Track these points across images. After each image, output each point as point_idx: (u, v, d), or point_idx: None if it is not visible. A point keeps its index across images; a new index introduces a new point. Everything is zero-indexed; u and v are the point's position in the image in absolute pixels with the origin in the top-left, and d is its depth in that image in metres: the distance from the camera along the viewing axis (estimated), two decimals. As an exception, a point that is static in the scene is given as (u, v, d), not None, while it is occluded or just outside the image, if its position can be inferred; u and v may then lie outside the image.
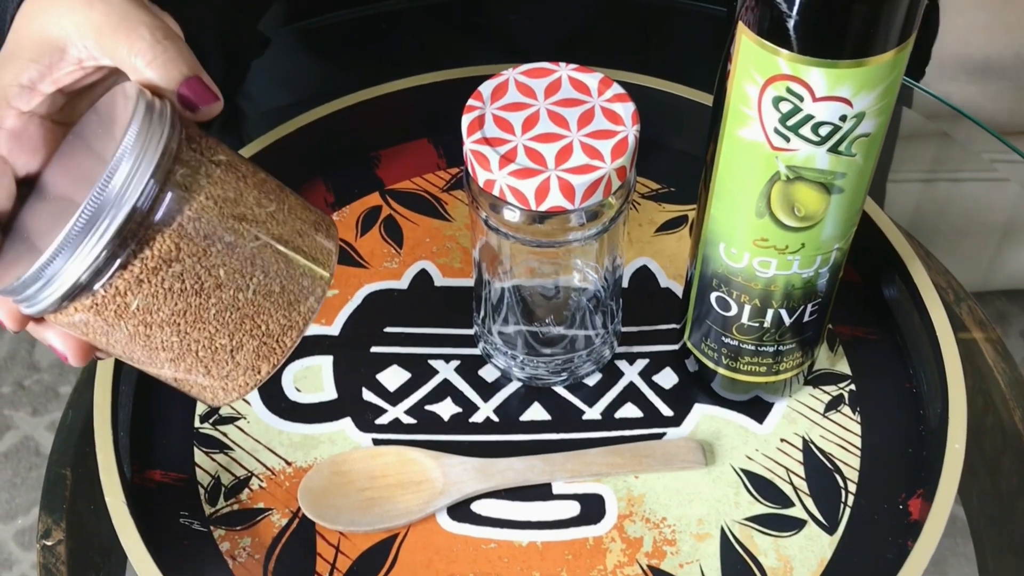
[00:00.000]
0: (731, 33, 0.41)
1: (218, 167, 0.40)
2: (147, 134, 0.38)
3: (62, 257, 0.37)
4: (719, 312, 0.50)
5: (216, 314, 0.40)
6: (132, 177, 0.37)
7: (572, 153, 0.45)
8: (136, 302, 0.39)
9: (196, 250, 0.39)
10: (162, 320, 0.39)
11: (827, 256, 0.46)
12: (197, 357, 0.41)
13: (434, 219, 0.62)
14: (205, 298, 0.39)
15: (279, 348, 0.41)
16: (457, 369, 0.56)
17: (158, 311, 0.39)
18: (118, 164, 0.37)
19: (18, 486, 1.27)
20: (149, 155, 0.37)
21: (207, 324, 0.40)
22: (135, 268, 0.38)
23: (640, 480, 0.52)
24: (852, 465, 0.52)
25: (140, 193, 0.37)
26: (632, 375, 0.56)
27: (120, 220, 0.37)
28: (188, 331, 0.40)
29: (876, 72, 0.39)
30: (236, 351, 0.41)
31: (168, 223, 0.38)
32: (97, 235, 0.37)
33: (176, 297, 0.39)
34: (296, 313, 0.41)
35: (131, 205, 0.37)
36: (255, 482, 0.52)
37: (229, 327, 0.40)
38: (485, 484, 0.51)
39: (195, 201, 0.39)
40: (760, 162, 0.43)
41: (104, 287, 0.38)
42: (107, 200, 0.37)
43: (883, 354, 0.56)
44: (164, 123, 0.38)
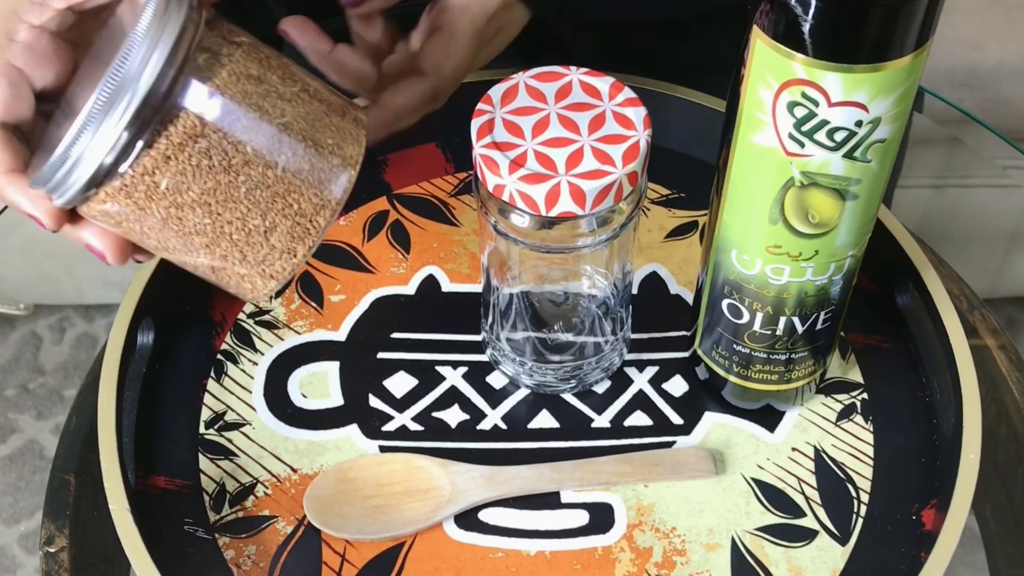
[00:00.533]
0: (745, 37, 0.41)
1: (239, 47, 0.40)
2: (165, 10, 0.38)
3: (84, 137, 0.37)
4: (731, 319, 0.49)
5: (247, 192, 0.39)
6: (150, 53, 0.37)
7: (583, 158, 0.45)
8: (165, 181, 0.38)
9: (221, 126, 0.39)
10: (193, 200, 0.39)
11: (841, 263, 0.46)
12: (232, 240, 0.40)
13: (442, 224, 0.61)
14: (234, 175, 0.39)
15: (313, 228, 0.41)
16: (465, 376, 0.55)
17: (188, 190, 0.39)
18: (134, 41, 0.37)
19: (22, 490, 1.27)
20: (169, 29, 0.37)
21: (238, 203, 0.40)
22: (160, 146, 0.38)
23: (650, 489, 0.51)
24: (864, 475, 0.52)
25: (159, 69, 0.37)
26: (642, 382, 0.55)
27: (140, 97, 0.37)
28: (220, 211, 0.40)
29: (893, 77, 0.39)
30: (270, 232, 0.40)
31: (191, 100, 0.38)
32: (118, 113, 0.37)
33: (205, 174, 0.39)
34: (328, 192, 0.41)
35: (151, 82, 0.37)
36: (260, 489, 0.51)
37: (261, 206, 0.40)
38: (493, 492, 0.51)
39: (217, 77, 0.39)
40: (774, 168, 0.42)
41: (131, 168, 0.38)
42: (127, 77, 0.37)
43: (896, 363, 0.56)
44: (181, 3, 0.38)
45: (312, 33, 0.49)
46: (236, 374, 0.55)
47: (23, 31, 0.41)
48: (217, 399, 0.54)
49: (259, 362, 0.56)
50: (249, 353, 0.56)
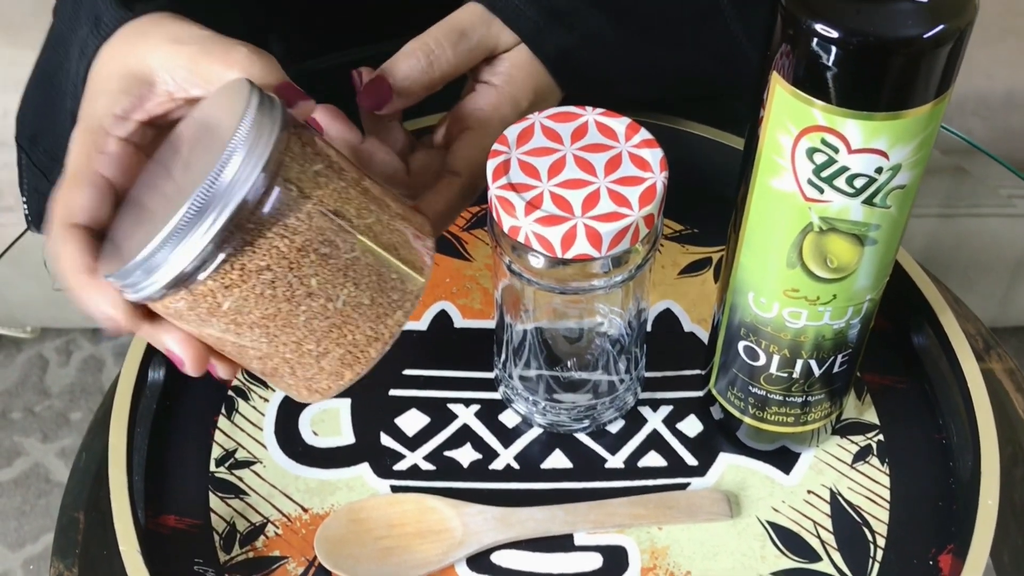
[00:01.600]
0: (764, 79, 0.40)
1: (325, 166, 0.40)
2: (260, 125, 0.38)
3: (171, 244, 0.37)
4: (746, 361, 0.49)
5: (305, 321, 0.40)
6: (245, 167, 0.37)
7: (599, 200, 0.45)
8: (227, 303, 0.39)
9: (291, 257, 0.39)
10: (252, 322, 0.40)
11: (859, 307, 0.45)
12: (284, 359, 0.41)
13: (454, 258, 0.61)
14: (295, 305, 0.40)
15: (363, 358, 0.42)
16: (477, 414, 0.55)
17: (249, 313, 0.40)
18: (232, 153, 0.37)
19: (27, 514, 1.26)
20: (262, 145, 0.38)
21: (295, 329, 0.40)
22: (236, 264, 0.38)
23: (664, 532, 0.51)
24: (881, 518, 0.51)
25: (251, 184, 0.37)
26: (656, 422, 0.54)
27: (231, 210, 0.37)
28: (276, 334, 0.41)
29: (913, 124, 0.39)
30: (322, 357, 0.41)
31: (274, 220, 0.38)
32: (207, 223, 0.37)
33: (267, 301, 0.39)
34: (383, 326, 0.42)
35: (242, 196, 0.37)
36: (271, 529, 0.51)
37: (316, 334, 0.41)
38: (505, 534, 0.50)
39: (302, 202, 0.39)
40: (792, 213, 0.42)
41: (207, 279, 0.38)
42: (219, 189, 0.37)
43: (912, 404, 0.55)
44: (276, 115, 0.39)
45: (342, 124, 0.49)
46: (247, 411, 0.55)
47: (112, 143, 0.43)
48: (228, 436, 0.54)
49: (270, 398, 0.55)
50: (260, 390, 0.56)
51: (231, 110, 0.39)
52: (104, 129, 0.43)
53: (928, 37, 0.36)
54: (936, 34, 0.36)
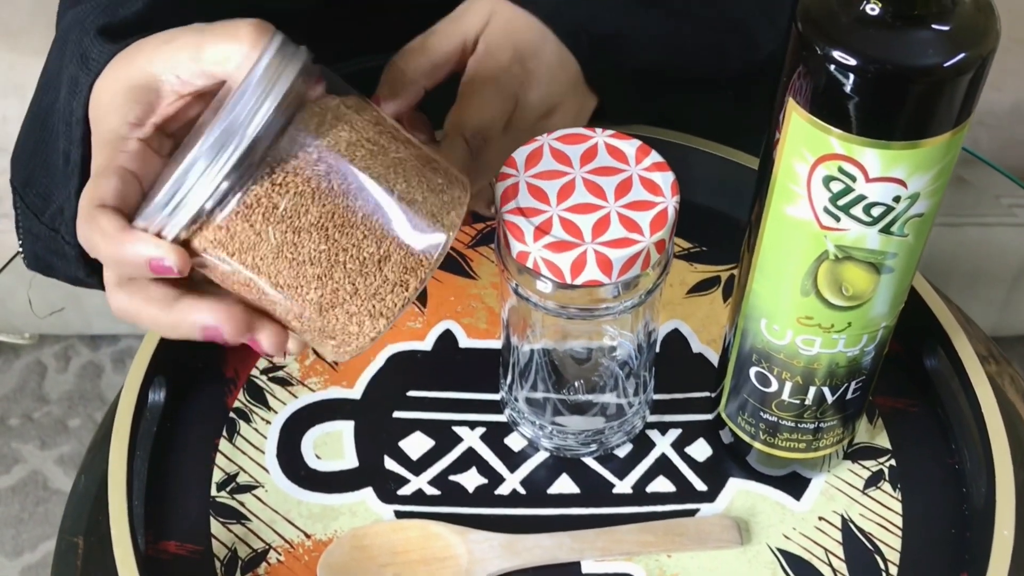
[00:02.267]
0: (778, 101, 0.40)
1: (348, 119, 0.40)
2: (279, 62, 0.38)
3: (203, 159, 0.37)
4: (758, 387, 0.48)
5: (363, 218, 0.40)
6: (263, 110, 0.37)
7: (609, 225, 0.44)
8: (284, 202, 0.39)
9: (341, 151, 0.39)
10: (310, 223, 0.39)
11: (874, 334, 0.45)
12: (345, 270, 0.40)
13: (459, 277, 0.60)
14: (352, 199, 0.39)
15: (425, 261, 0.41)
16: (483, 437, 0.54)
17: (306, 213, 0.39)
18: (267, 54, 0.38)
19: (25, 521, 1.25)
20: (279, 87, 0.38)
21: (355, 228, 0.40)
22: (281, 169, 0.38)
23: (673, 559, 0.50)
24: (893, 546, 0.50)
25: (298, 72, 0.38)
26: (664, 446, 0.54)
27: (275, 100, 0.37)
28: (336, 236, 0.39)
29: (933, 153, 0.38)
30: (384, 261, 0.40)
31: (312, 124, 0.39)
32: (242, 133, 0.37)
33: (324, 196, 0.39)
34: (439, 225, 0.41)
35: (288, 83, 0.38)
36: (273, 556, 0.50)
37: (376, 232, 0.40)
38: (512, 562, 0.49)
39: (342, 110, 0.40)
40: (808, 240, 0.41)
41: (249, 191, 0.38)
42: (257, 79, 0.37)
43: (924, 427, 0.54)
44: (296, 57, 0.39)
45: None
46: (249, 433, 0.54)
47: (132, 143, 0.42)
48: (229, 460, 0.53)
49: (272, 420, 0.55)
50: (262, 411, 0.55)
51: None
52: (122, 136, 0.42)
53: (949, 66, 0.36)
54: (957, 62, 0.36)
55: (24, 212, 0.51)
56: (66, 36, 0.48)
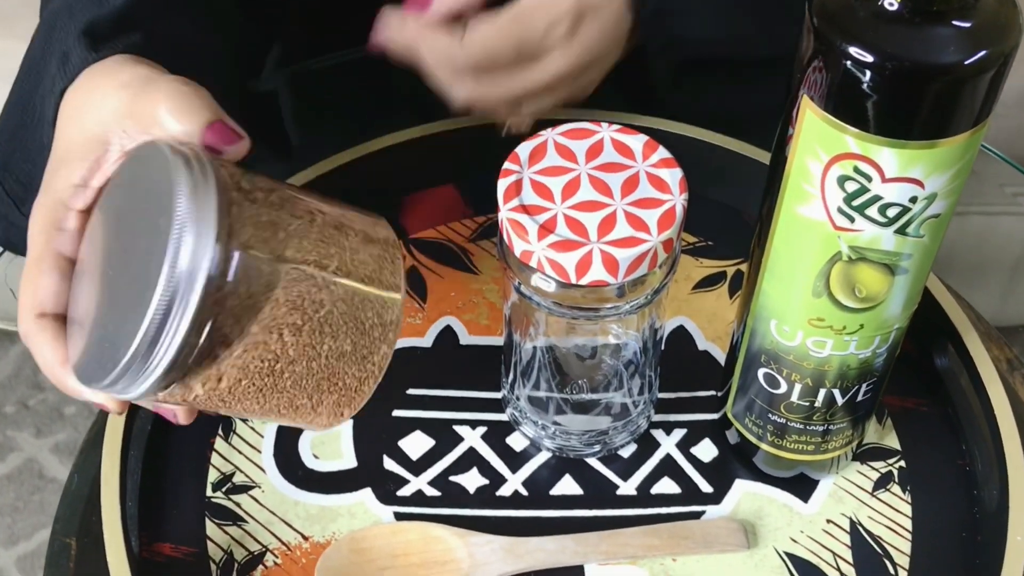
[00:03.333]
0: (792, 98, 0.38)
1: (275, 209, 0.38)
2: (198, 194, 0.35)
3: (146, 349, 0.35)
4: (766, 388, 0.47)
5: (292, 384, 0.39)
6: (198, 247, 0.35)
7: (615, 224, 0.42)
8: (214, 388, 0.38)
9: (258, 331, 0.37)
10: (241, 394, 0.39)
11: (886, 336, 0.43)
12: (280, 415, 0.41)
13: (460, 271, 0.59)
14: (278, 376, 0.39)
15: (358, 396, 0.42)
16: (484, 436, 0.53)
17: (237, 391, 0.39)
18: (180, 237, 0.34)
19: (20, 510, 1.24)
20: (207, 218, 0.35)
21: (283, 392, 0.39)
22: (215, 349, 0.37)
23: (678, 563, 0.49)
24: (902, 550, 0.49)
25: (210, 261, 0.35)
26: (669, 446, 0.53)
27: (197, 295, 0.35)
28: (267, 399, 0.39)
29: (951, 153, 0.36)
30: (317, 406, 0.41)
31: (243, 290, 0.36)
32: (177, 318, 0.35)
33: (253, 377, 0.38)
34: (370, 363, 0.41)
35: (204, 277, 0.35)
36: (270, 558, 0.49)
37: (307, 391, 0.40)
38: (513, 566, 0.48)
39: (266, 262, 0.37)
40: (820, 241, 0.40)
41: (191, 371, 0.37)
42: (180, 280, 0.34)
43: (934, 428, 0.53)
44: (208, 177, 0.36)
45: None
46: (245, 432, 0.53)
47: (71, 219, 0.41)
48: (225, 459, 0.52)
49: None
50: (259, 409, 0.54)
51: (155, 177, 0.37)
52: (63, 203, 0.41)
53: (970, 63, 0.34)
54: (978, 60, 0.34)
55: (2, 199, 0.49)
56: (53, 23, 0.46)
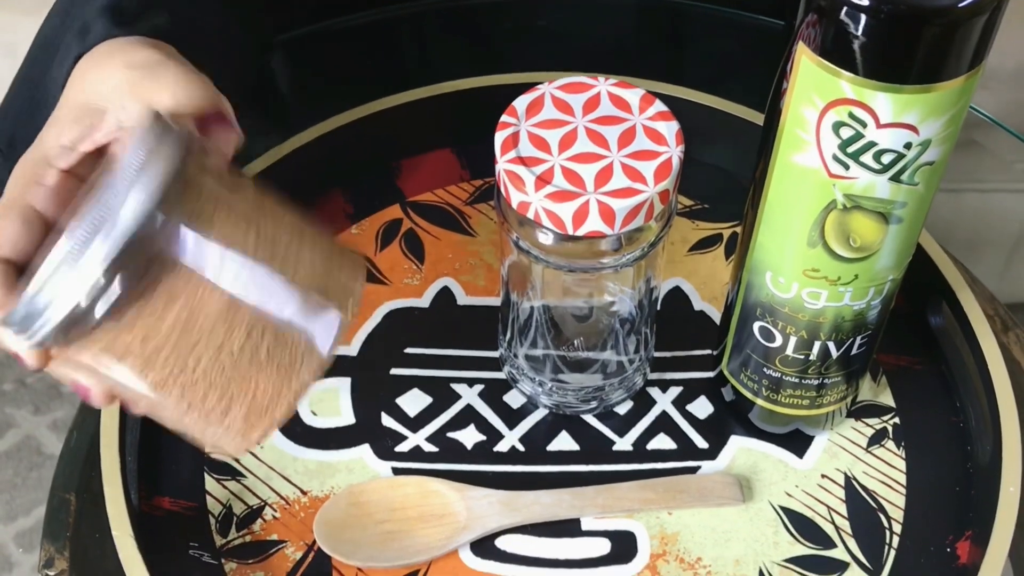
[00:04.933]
0: (788, 49, 0.39)
1: (229, 206, 0.37)
2: (154, 152, 0.35)
3: (53, 283, 0.34)
4: (761, 342, 0.47)
5: (202, 372, 0.37)
6: (135, 198, 0.34)
7: (612, 175, 0.43)
8: (131, 338, 0.36)
9: (191, 293, 0.36)
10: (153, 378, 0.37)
11: (880, 287, 0.44)
12: (186, 411, 0.38)
13: (457, 234, 0.59)
14: (187, 352, 0.37)
15: (268, 419, 0.39)
16: (481, 394, 0.53)
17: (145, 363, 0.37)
18: (116, 183, 0.34)
19: (19, 486, 1.25)
20: (152, 174, 0.35)
21: (193, 374, 0.37)
22: (130, 302, 0.35)
23: (674, 517, 0.49)
24: (897, 504, 0.50)
25: (142, 217, 0.34)
26: (665, 404, 0.53)
27: (118, 244, 0.34)
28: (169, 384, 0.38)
29: (946, 98, 0.37)
30: (225, 413, 0.38)
31: (165, 256, 0.35)
32: (92, 259, 0.34)
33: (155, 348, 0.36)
34: (286, 385, 0.39)
35: (131, 229, 0.34)
36: (268, 512, 0.49)
37: (216, 386, 0.38)
38: (511, 519, 0.49)
39: (196, 237, 0.36)
40: (815, 190, 0.40)
41: (99, 319, 0.35)
42: (103, 219, 0.34)
43: (928, 386, 0.54)
44: (175, 144, 0.36)
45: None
46: (244, 390, 0.53)
47: (51, 176, 0.41)
48: (224, 416, 0.52)
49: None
50: (257, 368, 0.54)
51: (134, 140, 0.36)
52: (47, 160, 0.41)
53: (965, 5, 0.35)
54: (972, 3, 0.35)
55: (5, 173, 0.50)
56: (70, 3, 0.47)
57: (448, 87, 0.61)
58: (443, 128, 0.62)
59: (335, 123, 0.60)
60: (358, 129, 0.60)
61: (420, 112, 0.61)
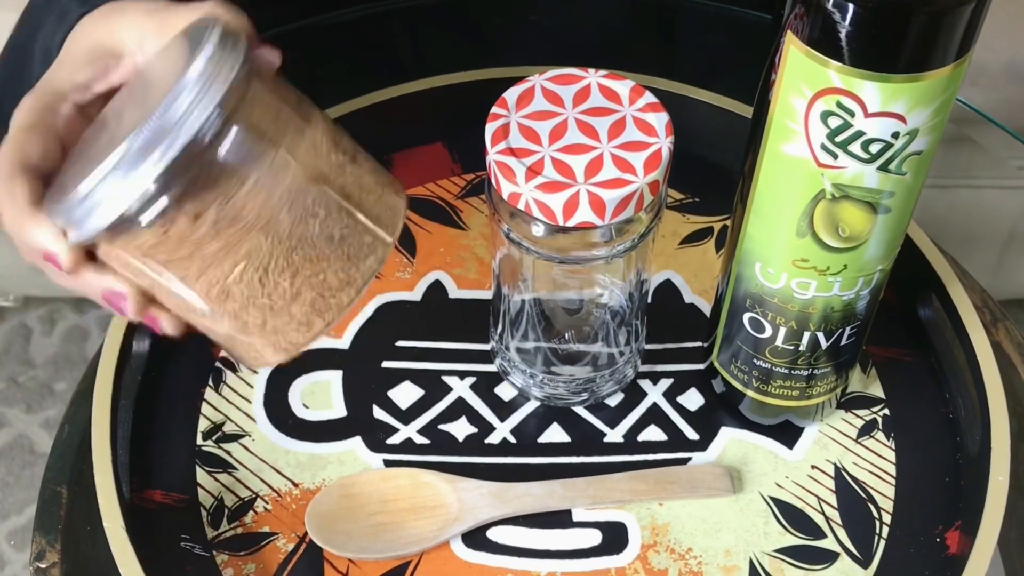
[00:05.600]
0: (776, 41, 0.39)
1: (291, 108, 0.38)
2: (220, 59, 0.35)
3: (116, 175, 0.35)
4: (751, 333, 0.47)
5: (280, 254, 0.38)
6: (199, 101, 0.35)
7: (602, 166, 0.43)
8: (199, 231, 0.36)
9: (260, 188, 0.36)
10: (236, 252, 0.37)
11: (869, 277, 0.44)
12: (257, 306, 0.39)
13: (449, 227, 0.59)
14: (265, 235, 0.37)
15: (335, 304, 0.39)
16: (472, 387, 0.53)
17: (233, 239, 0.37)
18: (185, 85, 0.35)
19: (11, 485, 1.25)
20: (220, 81, 0.35)
21: (267, 260, 0.38)
22: (196, 198, 0.36)
23: (664, 507, 0.49)
24: (887, 495, 0.50)
25: (204, 121, 0.35)
26: (656, 396, 0.53)
27: (181, 145, 0.34)
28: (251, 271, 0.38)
29: (932, 88, 0.37)
30: (295, 299, 0.39)
31: (231, 157, 0.36)
32: (155, 157, 0.34)
33: (235, 230, 0.37)
34: (355, 269, 0.39)
35: (193, 132, 0.35)
36: (260, 504, 0.49)
37: (290, 270, 0.38)
38: (502, 510, 0.49)
39: (262, 140, 0.36)
40: (804, 179, 0.40)
41: (161, 216, 0.36)
42: (169, 121, 0.34)
43: (918, 377, 0.54)
44: (239, 52, 0.36)
45: None
46: (235, 383, 0.53)
47: (67, 107, 0.41)
48: (215, 409, 0.52)
49: (259, 370, 0.54)
50: (249, 361, 0.54)
51: (184, 56, 0.37)
52: (61, 93, 0.41)
53: (952, -5, 0.35)
54: (960, -8, 0.35)
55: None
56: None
57: (439, 81, 0.62)
58: (435, 122, 0.62)
59: (326, 117, 0.60)
60: (349, 123, 0.60)
61: (412, 106, 0.61)
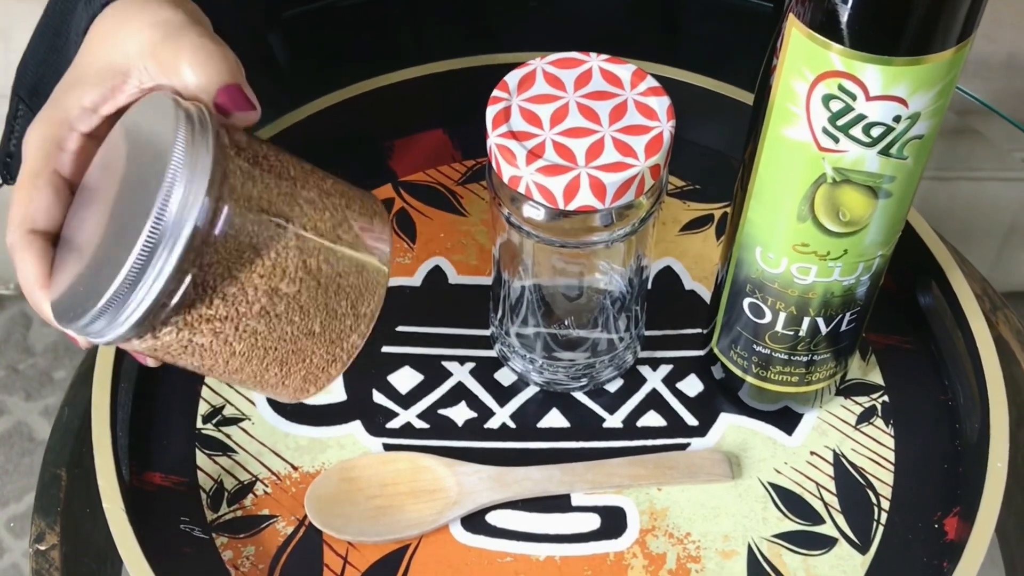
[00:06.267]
0: (778, 25, 0.39)
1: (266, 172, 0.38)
2: (194, 148, 0.36)
3: (124, 294, 0.35)
4: (751, 319, 0.47)
5: (263, 346, 0.39)
6: (188, 198, 0.35)
7: (603, 149, 0.43)
8: (196, 339, 0.38)
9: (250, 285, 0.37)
10: (211, 350, 0.39)
11: (870, 263, 0.44)
12: (247, 378, 0.41)
13: (449, 213, 0.59)
14: (251, 336, 0.39)
15: (324, 376, 0.42)
16: (472, 372, 0.53)
17: (207, 347, 0.39)
18: (171, 187, 0.35)
19: (10, 472, 1.25)
20: (200, 172, 0.36)
21: (253, 354, 0.39)
22: (194, 306, 0.37)
23: (663, 493, 0.49)
24: (885, 481, 0.50)
25: (198, 212, 0.35)
26: (655, 381, 0.53)
27: (182, 246, 0.35)
28: (237, 360, 0.39)
29: (934, 71, 0.37)
30: (285, 378, 0.41)
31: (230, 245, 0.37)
32: (159, 266, 0.35)
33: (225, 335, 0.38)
34: (339, 349, 0.41)
35: (191, 228, 0.35)
36: (260, 487, 0.49)
37: (276, 363, 0.40)
38: (501, 494, 0.49)
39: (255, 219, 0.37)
40: (805, 163, 0.40)
41: (166, 321, 0.37)
42: (166, 228, 0.35)
43: (918, 364, 0.54)
44: (207, 133, 0.37)
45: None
46: (235, 366, 0.53)
47: (74, 140, 0.41)
48: (215, 392, 0.53)
49: (259, 355, 0.54)
50: (249, 345, 0.54)
51: (158, 127, 0.37)
52: (68, 123, 0.41)
53: (954, -23, 0.35)
54: (962, -26, 0.35)
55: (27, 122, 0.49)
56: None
57: (440, 67, 0.62)
58: (436, 108, 0.62)
59: (327, 102, 0.60)
60: (350, 109, 0.60)
61: (413, 92, 0.61)
